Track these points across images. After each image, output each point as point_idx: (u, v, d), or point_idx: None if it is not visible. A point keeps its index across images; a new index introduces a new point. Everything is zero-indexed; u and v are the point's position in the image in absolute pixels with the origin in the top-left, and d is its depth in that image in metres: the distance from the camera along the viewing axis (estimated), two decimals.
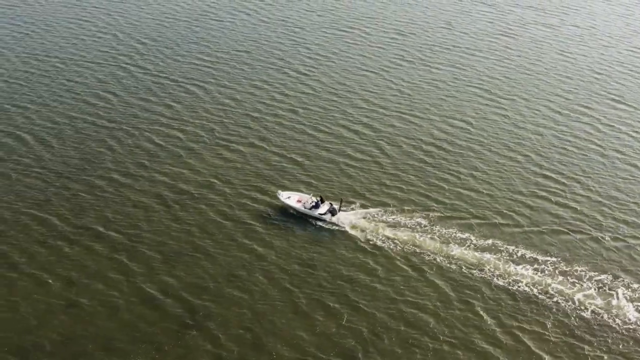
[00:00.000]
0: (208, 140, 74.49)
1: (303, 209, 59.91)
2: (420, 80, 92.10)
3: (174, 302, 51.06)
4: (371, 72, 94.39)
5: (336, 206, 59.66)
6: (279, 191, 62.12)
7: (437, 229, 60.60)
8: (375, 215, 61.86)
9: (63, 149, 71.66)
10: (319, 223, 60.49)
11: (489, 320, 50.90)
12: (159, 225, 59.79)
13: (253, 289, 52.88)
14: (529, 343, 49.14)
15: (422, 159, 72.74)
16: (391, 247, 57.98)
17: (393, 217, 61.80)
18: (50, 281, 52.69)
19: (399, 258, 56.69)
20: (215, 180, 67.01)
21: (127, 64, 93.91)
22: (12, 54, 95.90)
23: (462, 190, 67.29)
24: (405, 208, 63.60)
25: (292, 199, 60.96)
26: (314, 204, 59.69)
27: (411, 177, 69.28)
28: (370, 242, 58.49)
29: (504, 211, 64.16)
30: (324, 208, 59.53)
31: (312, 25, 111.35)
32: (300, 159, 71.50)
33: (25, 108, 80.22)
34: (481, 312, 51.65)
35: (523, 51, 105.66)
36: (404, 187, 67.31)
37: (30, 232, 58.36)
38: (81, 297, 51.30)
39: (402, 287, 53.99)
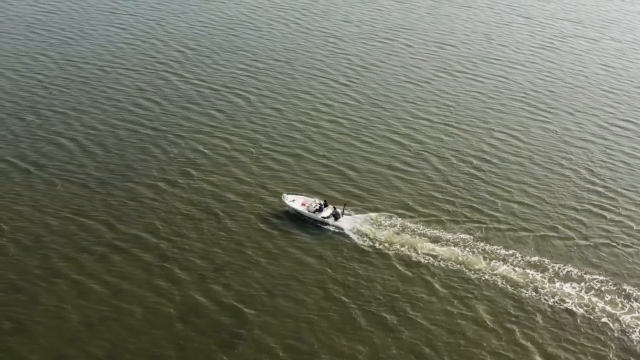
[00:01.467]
0: (253, 149, 73.43)
1: (306, 212, 59.49)
2: (463, 92, 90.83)
3: (224, 311, 49.95)
4: (413, 83, 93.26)
5: (339, 210, 59.28)
6: (284, 194, 61.72)
7: (482, 244, 59.23)
8: (416, 229, 60.40)
9: (106, 157, 70.93)
10: (330, 228, 59.70)
11: (531, 344, 49.29)
12: (207, 234, 58.74)
13: (304, 299, 51.65)
14: None
15: (470, 171, 71.47)
16: (432, 262, 56.46)
17: (434, 230, 60.45)
18: (96, 288, 51.73)
19: (439, 274, 55.30)
20: (262, 190, 65.91)
21: (167, 72, 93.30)
22: (51, 61, 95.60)
23: (511, 204, 65.98)
24: (446, 219, 62.49)
25: (296, 202, 60.69)
26: (317, 207, 59.39)
27: (460, 189, 67.98)
28: (406, 256, 57.00)
29: (556, 225, 62.93)
30: (327, 212, 59.22)
31: (351, 36, 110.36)
32: (346, 170, 70.39)
33: (66, 115, 79.80)
34: (527, 333, 50.40)
35: (564, 64, 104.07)
36: (452, 199, 66.05)
37: (76, 239, 57.50)
38: (128, 305, 50.29)
39: (453, 303, 52.55)
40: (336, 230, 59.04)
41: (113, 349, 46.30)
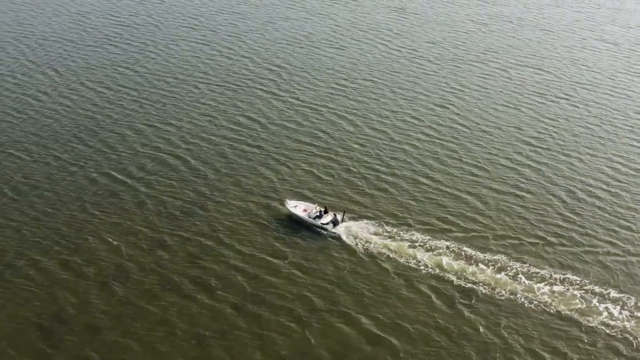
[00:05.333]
0: (367, 175, 71.17)
1: (307, 218, 59.62)
2: (566, 118, 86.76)
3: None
4: (513, 107, 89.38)
5: (339, 217, 59.27)
6: (287, 200, 61.78)
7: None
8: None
9: (216, 175, 69.64)
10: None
11: None
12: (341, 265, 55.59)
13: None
14: None
15: (590, 200, 67.74)
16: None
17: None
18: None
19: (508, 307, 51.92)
20: (381, 214, 62.99)
21: (262, 89, 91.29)
22: (138, 75, 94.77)
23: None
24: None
25: (298, 208, 60.77)
26: (318, 214, 59.54)
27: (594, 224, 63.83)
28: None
29: None
30: (327, 218, 59.30)
31: (439, 57, 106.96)
32: (470, 198, 67.16)
33: (165, 131, 78.87)
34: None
35: None
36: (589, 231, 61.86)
37: (227, 260, 56.64)
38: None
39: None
40: (334, 236, 58.81)
41: None
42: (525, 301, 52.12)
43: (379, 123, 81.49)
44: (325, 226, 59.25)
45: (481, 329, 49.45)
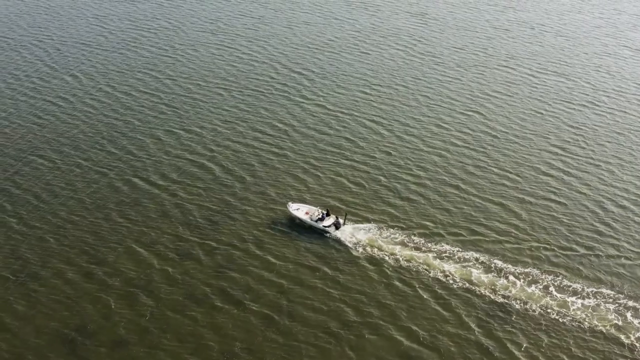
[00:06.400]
0: (397, 185, 70.16)
1: (309, 220, 59.57)
2: (593, 127, 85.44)
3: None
4: (538, 114, 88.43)
5: (341, 220, 59.57)
6: (289, 202, 61.71)
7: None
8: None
9: (242, 183, 68.91)
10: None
11: None
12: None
13: None
14: None
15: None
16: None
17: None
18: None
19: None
20: (413, 224, 61.90)
21: (285, 96, 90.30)
22: (161, 80, 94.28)
23: None
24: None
25: (300, 210, 60.82)
26: (320, 216, 59.61)
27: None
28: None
29: None
30: (328, 221, 59.33)
31: (468, 62, 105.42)
32: (501, 209, 66.04)
33: (184, 136, 78.13)
34: None
35: None
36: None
37: (256, 271, 55.95)
38: None
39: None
40: (336, 238, 58.82)
41: None
42: (559, 317, 50.92)
43: (406, 131, 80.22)
44: (327, 229, 59.26)
45: (511, 346, 48.63)
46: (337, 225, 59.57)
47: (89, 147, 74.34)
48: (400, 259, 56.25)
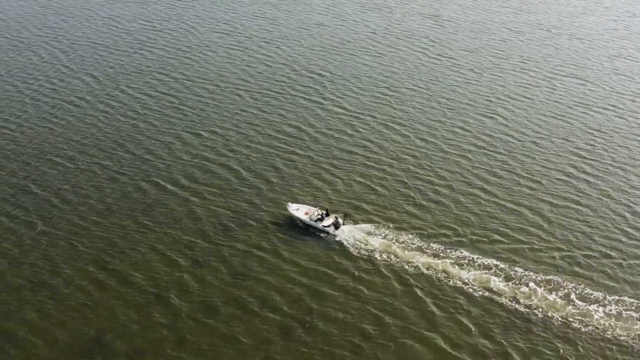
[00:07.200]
0: (420, 186, 69.81)
1: (309, 220, 59.63)
2: (614, 130, 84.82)
3: None
4: (559, 117, 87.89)
5: (340, 220, 59.37)
6: (289, 203, 61.73)
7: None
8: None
9: (266, 185, 68.30)
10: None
11: None
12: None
13: None
14: None
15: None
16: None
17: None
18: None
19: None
20: (437, 227, 61.66)
21: (304, 97, 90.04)
22: (176, 82, 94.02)
23: None
24: None
25: (300, 210, 60.84)
26: (319, 216, 59.54)
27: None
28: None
29: None
30: (328, 221, 59.31)
31: (484, 65, 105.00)
32: (526, 212, 65.43)
33: (206, 138, 77.96)
34: None
35: None
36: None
37: (284, 274, 55.60)
38: None
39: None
40: (335, 238, 58.74)
41: None
42: (581, 325, 50.26)
43: (427, 133, 79.73)
44: (326, 229, 59.21)
45: (533, 358, 47.67)
46: (336, 225, 59.39)
47: (109, 148, 74.57)
48: (420, 265, 55.47)
